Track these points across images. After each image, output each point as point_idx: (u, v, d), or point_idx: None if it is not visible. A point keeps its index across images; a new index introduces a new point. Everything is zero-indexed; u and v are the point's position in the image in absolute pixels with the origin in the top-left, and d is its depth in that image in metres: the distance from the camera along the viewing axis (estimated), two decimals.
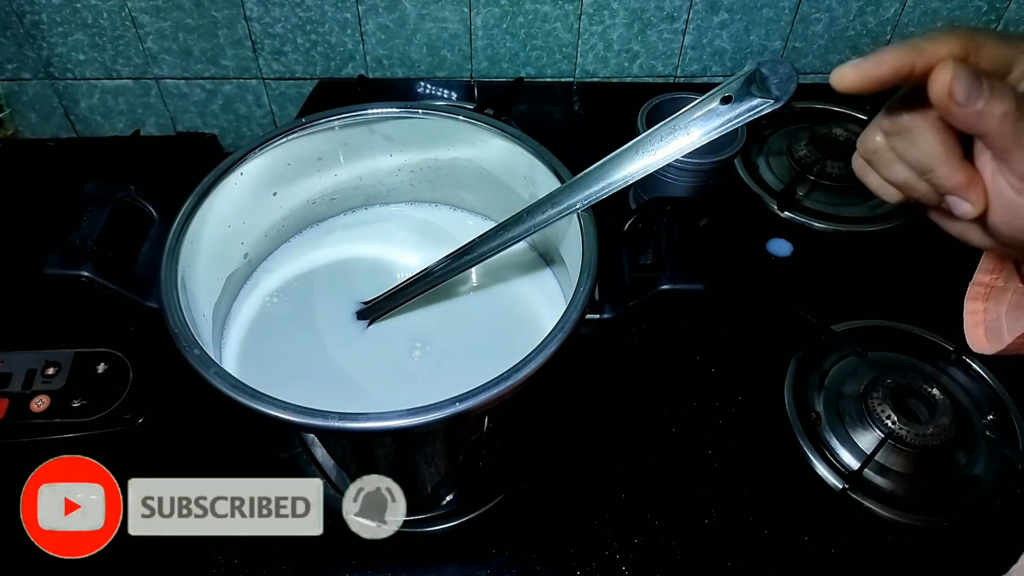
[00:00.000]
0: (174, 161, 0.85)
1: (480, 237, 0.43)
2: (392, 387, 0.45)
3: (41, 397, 0.53)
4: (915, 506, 0.51)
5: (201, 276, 0.44)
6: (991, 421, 0.56)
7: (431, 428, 0.33)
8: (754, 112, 0.33)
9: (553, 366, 0.35)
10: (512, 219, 0.42)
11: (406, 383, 0.45)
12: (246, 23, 0.83)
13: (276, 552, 0.49)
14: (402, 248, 0.54)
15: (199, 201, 0.43)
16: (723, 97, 0.34)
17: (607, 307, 0.40)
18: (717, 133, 0.34)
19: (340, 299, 0.50)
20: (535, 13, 0.83)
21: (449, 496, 0.47)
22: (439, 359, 0.46)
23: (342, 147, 0.51)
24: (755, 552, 0.50)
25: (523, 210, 0.41)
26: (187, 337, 0.36)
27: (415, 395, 0.34)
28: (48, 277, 0.38)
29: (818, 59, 0.90)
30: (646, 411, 0.58)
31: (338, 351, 0.47)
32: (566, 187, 0.40)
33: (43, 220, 0.66)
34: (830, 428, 0.55)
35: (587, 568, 0.49)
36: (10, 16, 0.81)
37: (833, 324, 0.62)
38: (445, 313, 0.49)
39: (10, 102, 0.90)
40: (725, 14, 0.84)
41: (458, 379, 0.35)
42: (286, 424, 0.33)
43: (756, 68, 0.33)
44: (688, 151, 0.35)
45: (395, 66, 0.88)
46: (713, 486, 0.53)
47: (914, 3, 0.84)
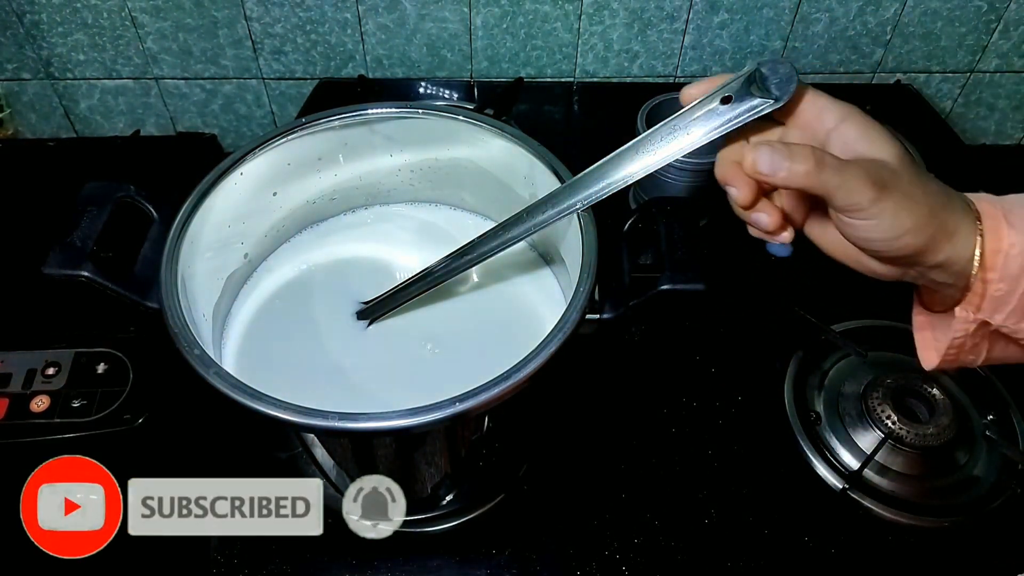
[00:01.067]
0: (174, 161, 0.85)
1: (480, 237, 0.43)
2: (392, 387, 0.45)
3: (41, 397, 0.53)
4: (915, 506, 0.51)
5: (201, 276, 0.44)
6: (991, 421, 0.56)
7: (431, 428, 0.33)
8: (754, 112, 0.33)
9: (553, 366, 0.35)
10: (512, 219, 0.42)
11: (406, 383, 0.45)
12: (246, 23, 0.83)
13: (276, 552, 0.49)
14: (402, 248, 0.54)
15: (199, 201, 0.43)
16: (723, 97, 0.34)
17: (607, 307, 0.40)
18: (717, 133, 0.34)
19: (340, 299, 0.50)
20: (535, 13, 0.83)
21: (449, 496, 0.47)
22: (439, 359, 0.46)
23: (342, 147, 0.51)
24: (755, 552, 0.50)
25: (523, 210, 0.41)
26: (187, 337, 0.36)
27: (415, 395, 0.34)
28: (48, 277, 0.38)
29: (818, 59, 0.90)
30: (646, 411, 0.58)
31: (338, 351, 0.47)
32: (566, 187, 0.40)
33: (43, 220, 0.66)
34: (830, 428, 0.55)
35: (587, 568, 0.49)
36: (10, 16, 0.81)
37: (833, 324, 0.62)
38: (445, 313, 0.49)
39: (10, 102, 0.90)
40: (725, 14, 0.84)
41: (458, 379, 0.35)
42: (286, 424, 0.33)
43: (756, 68, 0.33)
44: (688, 151, 0.35)
45: (395, 66, 0.88)
46: (713, 486, 0.53)
47: (914, 3, 0.84)
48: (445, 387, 0.34)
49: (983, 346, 0.39)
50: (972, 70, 0.92)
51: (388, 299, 0.47)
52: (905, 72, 0.92)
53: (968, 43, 0.89)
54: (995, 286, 0.37)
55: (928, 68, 0.91)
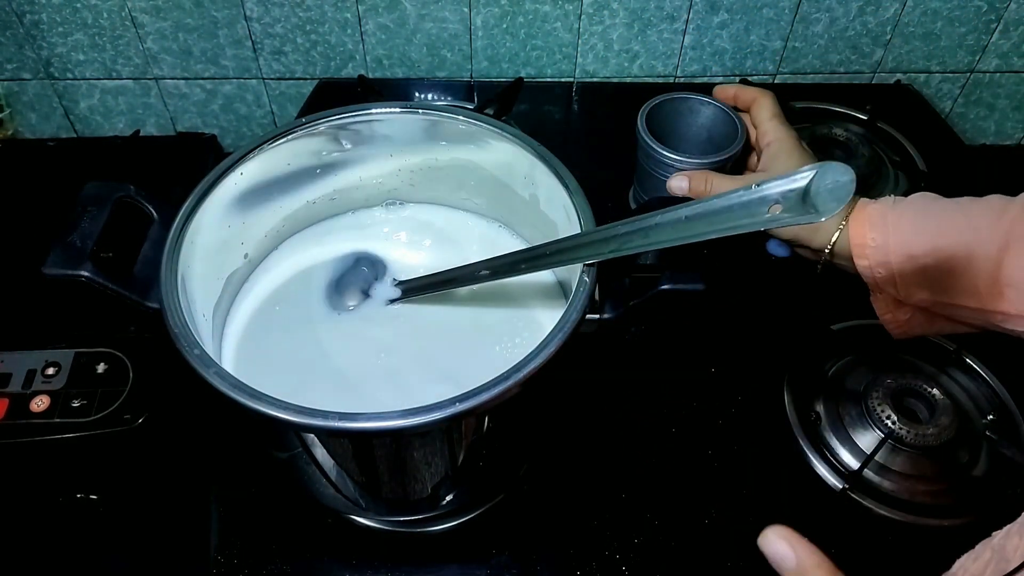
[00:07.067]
0: (174, 161, 0.85)
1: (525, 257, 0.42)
2: (392, 387, 0.45)
3: (41, 397, 0.53)
4: (915, 506, 0.51)
5: (201, 276, 0.44)
6: (991, 421, 0.56)
7: (431, 428, 0.33)
8: (792, 223, 0.30)
9: (553, 366, 0.35)
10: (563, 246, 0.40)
11: (406, 383, 0.45)
12: (246, 23, 0.83)
13: (276, 552, 0.49)
14: (402, 248, 0.54)
15: (199, 201, 0.43)
16: (772, 204, 0.30)
17: (607, 307, 0.40)
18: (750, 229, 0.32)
19: (340, 299, 0.50)
20: (535, 13, 0.83)
21: (449, 496, 0.47)
22: (439, 359, 0.46)
23: (342, 147, 0.51)
24: (755, 552, 0.50)
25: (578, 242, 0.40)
26: (187, 337, 0.36)
27: (415, 395, 0.34)
28: (48, 277, 0.38)
29: (818, 59, 0.90)
30: (646, 411, 0.58)
31: (338, 351, 0.47)
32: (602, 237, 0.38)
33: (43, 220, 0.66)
34: (830, 428, 0.55)
35: (587, 568, 0.49)
36: (10, 16, 0.81)
37: (833, 324, 0.62)
38: (445, 313, 0.49)
39: (10, 102, 0.90)
40: (725, 14, 0.84)
41: (458, 379, 0.35)
42: (286, 424, 0.33)
43: (814, 175, 0.29)
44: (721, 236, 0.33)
45: (395, 66, 0.88)
46: (713, 486, 0.53)
47: (914, 3, 0.84)
48: (445, 387, 0.34)
49: (920, 318, 0.50)
50: (972, 70, 0.92)
51: (424, 286, 0.48)
52: (905, 72, 0.92)
53: (968, 43, 0.89)
54: (877, 271, 0.49)
55: (928, 68, 0.91)
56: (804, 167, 0.29)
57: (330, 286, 0.51)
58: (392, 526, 0.51)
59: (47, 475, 0.53)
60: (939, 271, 0.47)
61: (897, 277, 0.48)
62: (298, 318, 0.49)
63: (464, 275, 0.45)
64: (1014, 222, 0.45)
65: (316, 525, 0.51)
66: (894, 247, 0.48)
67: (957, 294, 0.46)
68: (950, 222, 0.47)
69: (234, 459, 0.54)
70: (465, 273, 0.45)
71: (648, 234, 0.36)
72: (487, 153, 0.50)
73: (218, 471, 0.54)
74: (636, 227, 0.36)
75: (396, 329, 0.48)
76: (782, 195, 0.30)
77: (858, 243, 0.49)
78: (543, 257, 0.41)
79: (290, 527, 0.50)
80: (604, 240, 0.38)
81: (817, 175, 0.29)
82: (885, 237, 0.48)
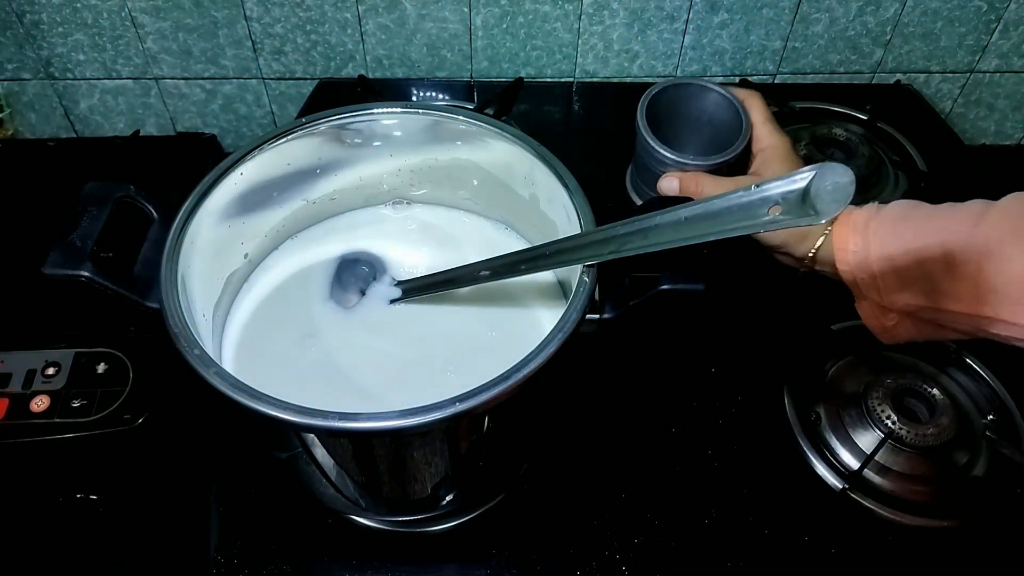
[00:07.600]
0: (174, 161, 0.85)
1: (525, 257, 0.42)
2: (392, 387, 0.45)
3: (41, 397, 0.53)
4: (915, 506, 0.51)
5: (201, 276, 0.44)
6: (991, 421, 0.56)
7: (431, 428, 0.33)
8: (791, 225, 0.30)
9: (553, 366, 0.35)
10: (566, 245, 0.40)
11: (406, 383, 0.45)
12: (246, 23, 0.83)
13: (276, 552, 0.49)
14: (402, 248, 0.54)
15: (199, 201, 0.43)
16: (771, 205, 0.30)
17: (607, 307, 0.40)
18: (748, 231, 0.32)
19: (340, 299, 0.50)
20: (535, 13, 0.83)
21: (449, 496, 0.47)
22: (439, 359, 0.46)
23: (342, 147, 0.51)
24: (755, 552, 0.50)
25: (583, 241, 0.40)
26: (187, 337, 0.36)
27: (415, 395, 0.34)
28: (48, 277, 0.38)
29: (818, 59, 0.90)
30: (646, 411, 0.58)
31: (338, 351, 0.47)
32: (603, 237, 0.38)
33: (43, 220, 0.67)
34: (830, 428, 0.55)
35: (587, 568, 0.49)
36: (10, 16, 0.81)
37: (833, 324, 0.62)
38: (445, 313, 0.49)
39: (10, 102, 0.90)
40: (725, 14, 0.84)
41: (458, 379, 0.35)
42: (286, 424, 0.33)
43: (814, 175, 0.29)
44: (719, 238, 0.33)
45: (395, 66, 0.88)
46: (713, 486, 0.53)
47: (914, 3, 0.84)
48: (445, 387, 0.34)
49: (906, 324, 0.50)
50: (972, 70, 0.92)
51: (424, 286, 0.48)
52: (905, 72, 0.92)
53: (968, 43, 0.89)
54: (859, 276, 0.50)
55: (928, 68, 0.92)
56: (804, 168, 0.29)
57: (330, 286, 0.51)
58: (392, 526, 0.51)
59: (47, 475, 0.53)
60: (920, 276, 0.47)
61: (880, 282, 0.49)
62: (298, 318, 0.49)
63: (464, 275, 0.45)
64: (993, 227, 0.45)
65: (316, 525, 0.51)
66: (875, 252, 0.48)
67: (940, 299, 0.46)
68: (930, 227, 0.47)
69: (234, 459, 0.54)
70: (465, 273, 0.45)
71: (648, 235, 0.36)
72: (487, 153, 0.50)
73: (218, 471, 0.54)
74: (636, 228, 0.36)
75: (396, 329, 0.48)
76: (782, 196, 0.30)
77: (840, 248, 0.50)
78: (543, 258, 0.41)
79: (290, 527, 0.50)
80: (604, 241, 0.38)
81: (816, 176, 0.28)
82: (866, 243, 0.49)
